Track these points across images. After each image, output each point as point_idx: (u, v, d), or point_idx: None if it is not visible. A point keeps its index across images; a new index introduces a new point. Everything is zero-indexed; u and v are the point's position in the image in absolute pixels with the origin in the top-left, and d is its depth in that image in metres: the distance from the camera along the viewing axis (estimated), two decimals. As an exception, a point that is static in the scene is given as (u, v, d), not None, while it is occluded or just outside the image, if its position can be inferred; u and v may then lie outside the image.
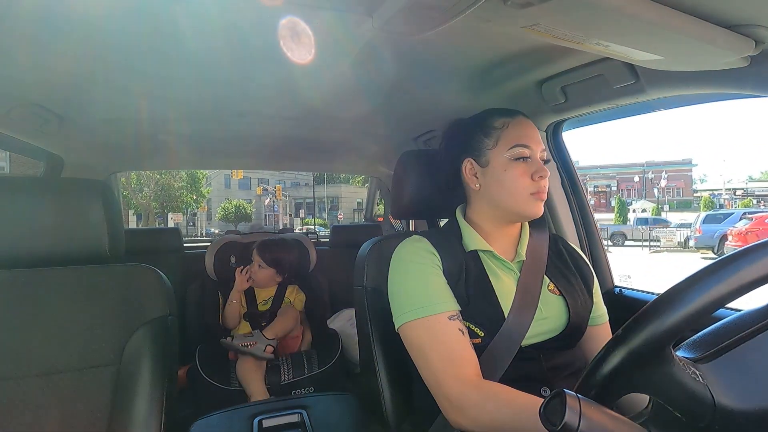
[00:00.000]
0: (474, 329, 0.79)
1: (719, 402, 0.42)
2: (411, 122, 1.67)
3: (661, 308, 0.41)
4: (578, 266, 0.94)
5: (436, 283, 0.80)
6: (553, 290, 0.86)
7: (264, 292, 1.85)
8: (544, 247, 0.91)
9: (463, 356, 0.74)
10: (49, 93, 1.22)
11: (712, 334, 0.48)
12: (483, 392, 0.70)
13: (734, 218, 11.38)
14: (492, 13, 0.62)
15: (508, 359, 0.77)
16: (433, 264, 0.82)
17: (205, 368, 1.57)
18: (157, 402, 0.80)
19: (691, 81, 0.89)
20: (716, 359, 0.45)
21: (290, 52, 0.99)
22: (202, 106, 1.42)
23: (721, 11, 0.66)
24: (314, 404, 0.99)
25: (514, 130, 0.84)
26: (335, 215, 30.69)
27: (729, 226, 10.85)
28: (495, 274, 0.84)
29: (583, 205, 1.40)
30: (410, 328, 0.78)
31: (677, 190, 30.33)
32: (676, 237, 14.19)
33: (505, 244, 0.89)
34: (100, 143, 1.72)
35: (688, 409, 0.43)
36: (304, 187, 33.60)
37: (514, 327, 0.78)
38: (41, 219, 0.81)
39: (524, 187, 0.82)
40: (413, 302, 0.79)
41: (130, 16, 0.83)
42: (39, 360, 0.79)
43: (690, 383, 0.42)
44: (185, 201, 22.31)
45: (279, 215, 28.75)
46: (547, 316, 0.82)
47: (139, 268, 0.89)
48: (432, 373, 0.75)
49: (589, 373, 0.45)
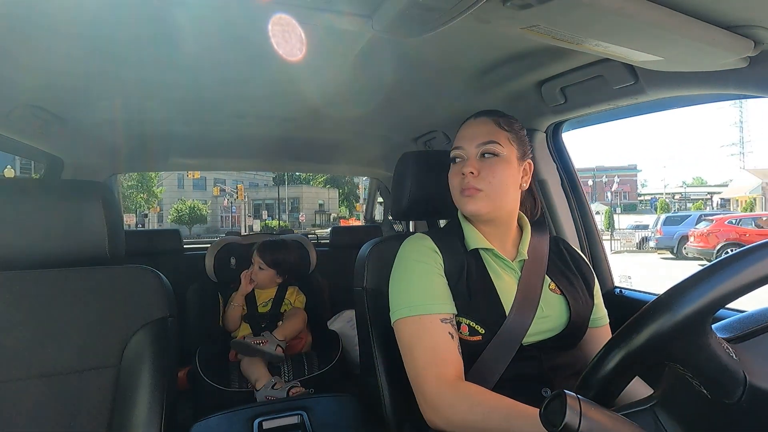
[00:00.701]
0: (475, 327, 0.79)
1: (751, 381, 0.43)
2: (411, 123, 1.67)
3: (709, 276, 0.42)
4: (579, 267, 0.94)
5: (435, 284, 0.81)
6: (554, 289, 0.86)
7: (264, 293, 1.85)
8: (545, 246, 0.91)
9: (446, 358, 0.75)
10: (50, 95, 1.22)
11: (748, 317, 0.49)
12: (458, 393, 0.71)
13: (691, 220, 11.85)
14: (491, 15, 0.62)
15: (508, 357, 0.78)
16: (435, 263, 0.83)
17: (205, 370, 1.57)
18: (157, 404, 0.79)
19: (691, 82, 0.89)
20: (751, 340, 0.46)
21: (290, 53, 0.99)
22: (202, 108, 1.42)
23: (720, 12, 0.66)
24: (314, 405, 0.99)
25: (457, 135, 0.89)
26: (296, 217, 29.62)
27: (687, 227, 11.29)
28: (496, 273, 0.85)
29: (582, 205, 1.40)
30: (404, 324, 0.80)
31: (624, 194, 32.10)
32: (634, 238, 14.66)
33: (506, 243, 0.89)
34: (99, 145, 1.72)
35: (718, 383, 0.43)
36: (263, 187, 32.62)
37: (515, 325, 0.79)
38: (41, 220, 0.81)
39: (454, 187, 0.86)
40: (411, 299, 0.80)
41: (129, 19, 0.83)
42: (39, 362, 0.79)
43: (725, 358, 0.43)
44: (135, 201, 20.88)
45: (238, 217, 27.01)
46: (548, 315, 0.82)
47: (139, 269, 0.89)
48: (414, 371, 0.77)
49: (590, 372, 0.45)
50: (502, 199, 0.84)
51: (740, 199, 24.19)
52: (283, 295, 1.86)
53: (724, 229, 10.02)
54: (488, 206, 0.83)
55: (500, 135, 0.85)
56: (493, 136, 0.85)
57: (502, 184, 0.83)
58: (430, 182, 1.01)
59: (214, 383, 1.55)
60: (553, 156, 1.38)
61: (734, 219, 10.69)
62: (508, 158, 0.84)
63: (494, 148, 0.84)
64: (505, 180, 0.83)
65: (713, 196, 27.98)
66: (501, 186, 0.83)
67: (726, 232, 9.91)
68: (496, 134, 0.85)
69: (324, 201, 33.42)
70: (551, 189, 1.36)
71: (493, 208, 0.84)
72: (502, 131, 0.85)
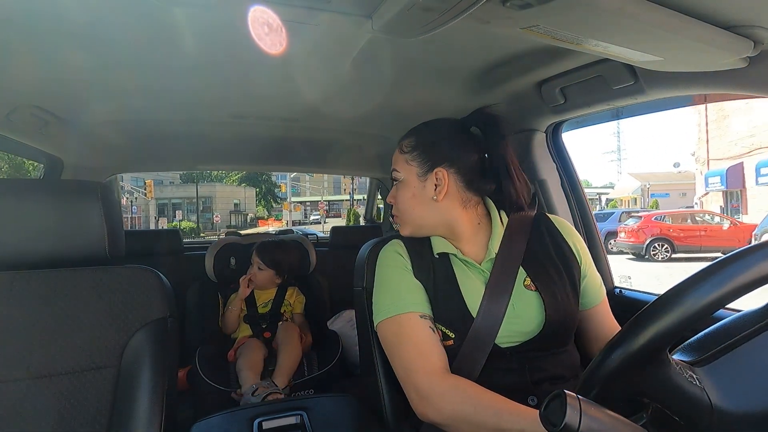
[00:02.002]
0: (446, 331, 0.80)
1: (717, 405, 0.42)
2: (410, 123, 1.66)
3: (658, 312, 0.41)
4: (561, 252, 0.88)
5: (406, 284, 0.83)
6: (528, 285, 0.82)
7: (264, 294, 1.85)
8: (523, 236, 0.87)
9: (432, 350, 0.76)
10: (49, 95, 1.22)
11: (709, 336, 0.48)
12: (449, 384, 0.72)
13: (614, 217, 12.97)
14: (491, 15, 0.62)
15: (481, 359, 0.77)
16: (404, 267, 0.85)
17: (204, 370, 1.57)
18: (157, 404, 0.79)
19: (691, 82, 0.89)
20: (713, 362, 0.45)
21: (289, 53, 0.99)
22: (202, 108, 1.42)
23: (719, 12, 0.66)
24: (314, 406, 0.99)
25: None
26: (209, 217, 27.49)
27: (612, 224, 12.13)
28: (463, 276, 0.84)
29: (582, 205, 1.40)
30: (384, 326, 0.81)
31: None
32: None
33: (473, 243, 0.87)
34: (99, 145, 1.72)
35: (685, 413, 0.42)
36: (169, 186, 29.93)
37: (484, 326, 0.78)
38: (41, 221, 0.81)
39: None
40: (386, 302, 0.82)
41: (129, 19, 0.83)
42: (39, 362, 0.79)
43: (687, 387, 0.42)
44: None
45: (140, 218, 23.10)
46: (520, 315, 0.80)
47: (139, 269, 0.89)
48: (402, 367, 0.77)
49: (589, 375, 0.45)
50: (416, 219, 0.88)
51: (624, 199, 28.17)
52: (283, 295, 1.86)
53: (651, 225, 10.62)
54: (409, 228, 0.88)
55: (398, 160, 0.89)
56: (395, 163, 0.90)
57: (407, 206, 0.87)
58: None
59: (214, 383, 1.55)
60: (552, 156, 1.38)
61: (660, 215, 11.38)
62: (406, 181, 0.87)
63: (395, 175, 0.89)
64: (407, 201, 0.87)
65: (601, 197, 31.14)
66: (407, 208, 0.88)
67: (652, 228, 10.52)
68: (396, 160, 0.90)
69: (240, 200, 32.07)
70: (551, 189, 1.36)
71: (414, 227, 0.88)
72: (401, 155, 0.89)
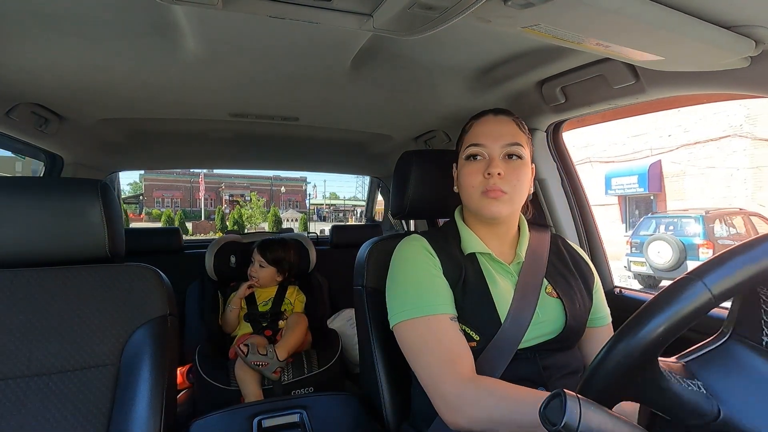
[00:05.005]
0: (470, 333, 0.78)
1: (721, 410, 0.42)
2: (411, 122, 1.67)
3: (644, 320, 0.41)
4: (578, 267, 0.92)
5: (438, 285, 0.79)
6: (550, 293, 0.84)
7: (264, 292, 1.85)
8: (545, 248, 0.89)
9: (460, 355, 0.73)
10: (50, 93, 1.22)
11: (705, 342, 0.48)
12: (480, 388, 0.69)
13: None
14: (492, 14, 0.62)
15: (504, 364, 0.76)
16: (434, 265, 0.82)
17: (204, 368, 1.57)
18: (157, 402, 0.79)
19: (692, 81, 0.89)
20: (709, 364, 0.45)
21: (290, 52, 0.99)
22: (202, 106, 1.42)
23: (721, 12, 0.66)
24: (314, 404, 0.99)
25: (473, 131, 0.86)
26: None
27: None
28: (492, 278, 0.83)
29: (583, 205, 1.40)
30: (407, 326, 0.78)
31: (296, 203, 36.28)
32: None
33: (503, 245, 0.87)
34: (99, 143, 1.72)
35: (680, 418, 0.43)
36: None
37: (511, 332, 0.77)
38: (41, 219, 0.81)
39: (474, 186, 0.82)
40: (413, 301, 0.78)
41: (129, 17, 0.83)
42: (39, 359, 0.79)
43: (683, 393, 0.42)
44: None
45: None
46: (544, 320, 0.81)
47: (139, 267, 0.89)
48: (428, 374, 0.74)
49: (589, 376, 0.45)
50: (521, 202, 0.84)
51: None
52: (283, 294, 1.87)
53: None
54: (509, 209, 0.82)
55: (521, 137, 0.84)
56: (517, 137, 0.83)
57: (525, 187, 0.83)
58: (431, 181, 1.00)
59: (214, 381, 1.55)
60: (553, 155, 1.38)
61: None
62: (527, 161, 0.83)
63: (519, 150, 0.82)
64: (526, 184, 0.83)
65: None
66: (524, 189, 0.83)
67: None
68: (519, 136, 0.83)
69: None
70: (551, 188, 1.36)
71: (512, 211, 0.83)
72: (522, 133, 0.84)
